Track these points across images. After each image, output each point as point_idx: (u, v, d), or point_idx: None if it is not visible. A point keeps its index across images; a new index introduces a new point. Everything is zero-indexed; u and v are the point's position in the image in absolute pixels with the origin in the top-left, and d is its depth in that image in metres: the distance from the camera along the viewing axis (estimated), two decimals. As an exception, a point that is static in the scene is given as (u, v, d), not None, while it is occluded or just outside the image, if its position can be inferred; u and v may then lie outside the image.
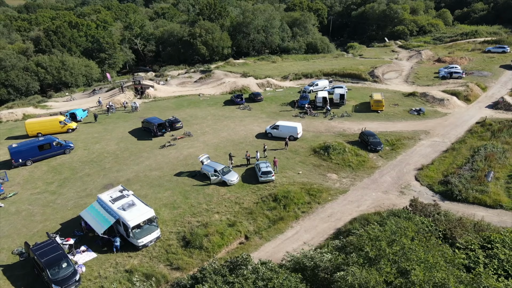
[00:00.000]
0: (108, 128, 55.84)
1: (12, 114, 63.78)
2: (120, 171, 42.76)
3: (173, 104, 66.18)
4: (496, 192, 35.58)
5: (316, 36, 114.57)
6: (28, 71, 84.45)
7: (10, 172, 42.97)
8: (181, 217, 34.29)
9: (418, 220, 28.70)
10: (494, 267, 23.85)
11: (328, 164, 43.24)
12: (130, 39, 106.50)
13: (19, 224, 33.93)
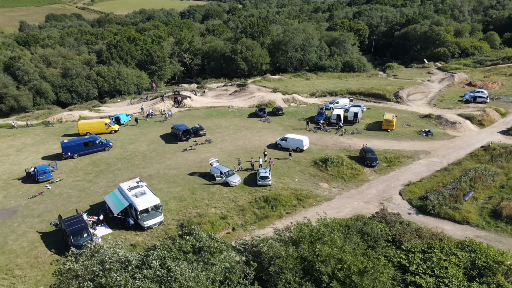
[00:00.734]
0: (144, 132, 64.78)
1: (70, 115, 75.42)
2: (145, 168, 50.78)
3: (203, 114, 74.09)
4: (468, 210, 38.40)
5: (354, 55, 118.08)
6: (89, 79, 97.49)
7: (60, 162, 52.69)
8: (184, 208, 41.09)
9: (375, 224, 33.00)
10: (425, 267, 27.88)
11: (323, 175, 48.03)
12: (180, 53, 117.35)
13: (59, 203, 42.69)
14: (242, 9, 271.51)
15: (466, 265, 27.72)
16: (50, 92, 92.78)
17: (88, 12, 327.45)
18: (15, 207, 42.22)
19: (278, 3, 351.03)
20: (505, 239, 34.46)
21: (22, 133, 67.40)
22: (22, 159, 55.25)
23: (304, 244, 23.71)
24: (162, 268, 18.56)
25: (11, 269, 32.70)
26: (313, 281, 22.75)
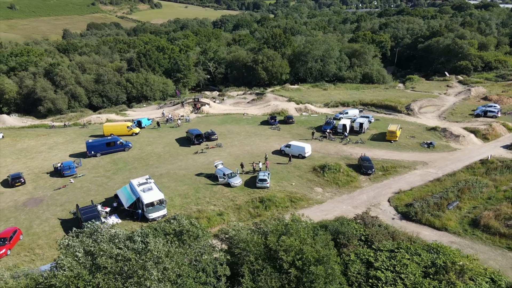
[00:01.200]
0: (162, 135, 70.23)
1: (99, 118, 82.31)
2: (158, 167, 55.83)
3: (219, 120, 78.86)
4: (449, 218, 40.52)
5: (374, 67, 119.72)
6: (119, 85, 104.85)
7: (84, 160, 58.75)
8: (187, 205, 45.54)
9: (352, 225, 36.07)
10: (388, 264, 30.83)
11: (320, 180, 51.22)
12: (205, 62, 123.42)
13: (79, 195, 48.28)
14: (272, 19, 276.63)
15: (426, 264, 30.43)
16: (84, 96, 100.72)
17: (127, 21, 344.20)
18: (42, 197, 48.20)
19: (309, 13, 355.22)
20: (478, 246, 36.45)
21: (56, 132, 74.67)
22: (52, 155, 61.85)
23: (271, 236, 27.36)
24: (143, 243, 22.80)
25: (33, 248, 38.17)
26: (276, 268, 26.33)
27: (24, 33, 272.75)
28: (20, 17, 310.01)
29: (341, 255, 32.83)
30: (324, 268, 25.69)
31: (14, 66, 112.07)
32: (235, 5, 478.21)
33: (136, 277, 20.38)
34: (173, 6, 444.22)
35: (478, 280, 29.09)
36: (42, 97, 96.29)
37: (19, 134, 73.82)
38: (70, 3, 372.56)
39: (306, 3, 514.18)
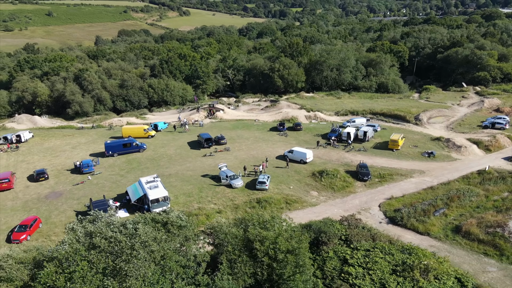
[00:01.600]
0: (176, 138, 74.81)
1: (120, 121, 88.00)
2: (168, 168, 60.16)
3: (231, 125, 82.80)
4: (433, 223, 42.48)
5: (390, 77, 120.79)
6: (142, 90, 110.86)
7: (102, 159, 63.88)
8: (190, 203, 49.42)
9: (335, 226, 38.81)
10: (361, 261, 33.51)
11: (317, 184, 54.00)
12: (224, 69, 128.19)
13: (95, 190, 53.10)
14: (296, 27, 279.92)
15: (397, 263, 32.91)
16: (108, 100, 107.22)
17: (156, 28, 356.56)
18: (61, 191, 53.36)
19: (335, 21, 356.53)
20: (456, 250, 38.33)
21: (80, 133, 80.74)
22: (75, 154, 67.46)
23: (250, 228, 30.66)
24: (133, 229, 26.63)
25: (50, 235, 42.98)
26: (252, 257, 29.59)
27: (59, 39, 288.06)
28: (57, 24, 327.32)
29: (321, 252, 35.74)
30: (294, 258, 28.73)
31: (47, 71, 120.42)
32: (261, 13, 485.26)
33: (124, 256, 24.19)
34: (201, 13, 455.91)
35: (443, 279, 31.26)
36: (70, 100, 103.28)
37: (47, 134, 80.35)
38: (104, 10, 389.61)
39: (333, 11, 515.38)
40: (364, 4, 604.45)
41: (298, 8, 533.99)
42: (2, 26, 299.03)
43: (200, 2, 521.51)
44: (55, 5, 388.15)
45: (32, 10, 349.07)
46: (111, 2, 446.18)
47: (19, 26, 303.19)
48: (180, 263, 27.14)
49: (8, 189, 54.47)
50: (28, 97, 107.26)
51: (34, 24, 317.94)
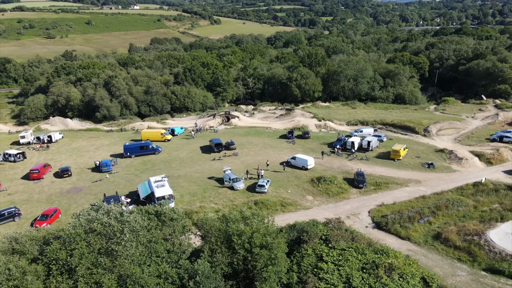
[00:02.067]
0: (189, 142, 79.95)
1: (141, 125, 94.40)
2: (178, 170, 65.14)
3: (243, 132, 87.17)
4: (415, 229, 44.83)
5: (407, 88, 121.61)
6: (165, 96, 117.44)
7: (121, 160, 69.82)
8: (193, 201, 53.95)
9: (318, 226, 42.03)
10: (334, 258, 36.65)
11: (313, 190, 57.22)
12: (244, 78, 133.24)
13: (110, 187, 58.69)
14: (322, 36, 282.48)
15: (367, 261, 35.83)
16: (134, 105, 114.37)
17: (187, 36, 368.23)
18: (81, 187, 59.35)
19: (364, 30, 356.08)
20: (432, 255, 40.64)
21: (104, 135, 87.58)
22: (97, 154, 73.84)
23: (230, 223, 34.59)
24: (126, 217, 31.22)
25: (67, 224, 48.45)
26: (230, 249, 33.47)
27: (96, 46, 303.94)
28: (95, 32, 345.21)
29: (301, 249, 39.09)
30: (268, 252, 32.37)
31: (81, 77, 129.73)
32: (291, 22, 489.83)
33: (115, 238, 28.77)
34: (232, 22, 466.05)
35: (407, 278, 33.89)
36: (99, 104, 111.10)
37: (75, 135, 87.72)
38: (139, 19, 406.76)
39: (364, 20, 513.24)
40: (396, 13, 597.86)
41: (329, 17, 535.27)
42: (45, 33, 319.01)
43: (231, 11, 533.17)
44: (94, 14, 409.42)
45: (73, 18, 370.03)
46: (146, 11, 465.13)
47: (60, 34, 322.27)
48: (166, 248, 31.45)
49: (38, 178, 61.63)
50: (62, 101, 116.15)
51: (74, 32, 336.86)
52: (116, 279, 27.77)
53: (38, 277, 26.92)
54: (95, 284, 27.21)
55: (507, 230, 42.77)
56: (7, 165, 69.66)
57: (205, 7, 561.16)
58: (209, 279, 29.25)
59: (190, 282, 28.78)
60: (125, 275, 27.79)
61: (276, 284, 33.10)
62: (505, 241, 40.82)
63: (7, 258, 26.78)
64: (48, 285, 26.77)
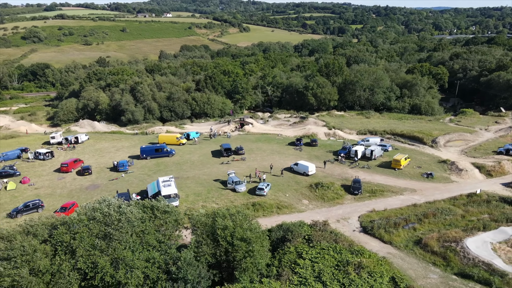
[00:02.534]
0: (202, 147, 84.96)
1: (160, 129, 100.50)
2: (188, 171, 70.07)
3: (254, 138, 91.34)
4: (398, 235, 47.30)
5: (424, 99, 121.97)
6: (186, 102, 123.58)
7: (137, 161, 75.62)
8: (197, 201, 58.51)
9: (303, 227, 45.48)
10: (312, 256, 40.08)
11: (310, 194, 60.48)
12: (263, 86, 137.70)
13: (124, 186, 64.28)
14: (349, 44, 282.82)
15: (341, 260, 39.07)
16: (156, 111, 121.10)
17: (216, 43, 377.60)
18: (99, 184, 65.32)
19: (394, 39, 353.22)
20: (409, 258, 43.08)
21: (126, 138, 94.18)
22: (117, 155, 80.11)
23: (217, 219, 38.74)
24: (125, 209, 36.03)
25: (83, 216, 54.19)
26: (215, 241, 37.59)
27: (129, 52, 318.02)
28: (128, 39, 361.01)
29: (284, 247, 42.68)
30: (246, 245, 36.28)
31: (110, 83, 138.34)
32: (320, 30, 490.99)
33: (112, 225, 33.58)
34: (261, 30, 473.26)
35: (375, 276, 36.75)
36: (125, 109, 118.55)
37: (100, 137, 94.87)
38: (171, 27, 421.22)
39: (394, 28, 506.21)
40: (429, 21, 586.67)
41: (358, 25, 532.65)
42: (83, 40, 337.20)
43: (261, 19, 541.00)
44: (129, 22, 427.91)
45: (109, 26, 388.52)
46: (178, 19, 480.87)
47: (97, 41, 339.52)
48: (157, 238, 36.01)
49: (67, 171, 69.58)
50: (91, 105, 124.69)
51: (110, 39, 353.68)
52: (110, 261, 32.53)
53: (46, 255, 32.07)
54: (92, 264, 32.07)
55: (486, 239, 44.55)
56: (37, 162, 77.06)
57: (235, 15, 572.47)
58: (190, 265, 33.50)
59: (173, 267, 33.12)
60: (118, 257, 32.51)
61: (256, 275, 36.96)
62: (481, 249, 42.70)
63: (23, 238, 32.07)
64: (53, 263, 31.85)
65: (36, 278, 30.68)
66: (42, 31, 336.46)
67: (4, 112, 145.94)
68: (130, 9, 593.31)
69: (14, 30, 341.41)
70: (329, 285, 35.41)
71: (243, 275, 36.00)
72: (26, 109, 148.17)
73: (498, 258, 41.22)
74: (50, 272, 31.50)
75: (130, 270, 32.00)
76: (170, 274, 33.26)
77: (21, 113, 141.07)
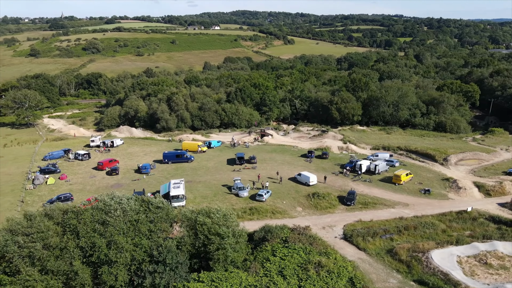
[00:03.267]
0: (220, 154, 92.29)
1: (187, 137, 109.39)
2: (201, 176, 77.48)
3: (270, 149, 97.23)
4: (373, 243, 51.06)
5: (451, 116, 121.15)
6: (216, 113, 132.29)
7: (159, 165, 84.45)
8: (202, 202, 65.48)
9: (285, 230, 50.76)
10: (283, 255, 45.41)
11: (305, 203, 65.32)
12: (291, 99, 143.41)
13: (144, 185, 72.81)
14: (393, 58, 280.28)
15: (307, 259, 44.01)
16: (188, 119, 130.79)
17: (259, 55, 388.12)
18: (122, 184, 74.47)
19: (444, 52, 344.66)
20: (376, 264, 46.93)
21: (155, 143, 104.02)
22: (143, 159, 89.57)
23: (198, 216, 45.21)
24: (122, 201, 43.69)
25: (103, 209, 63.06)
26: (196, 235, 44.06)
27: (177, 63, 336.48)
28: (177, 51, 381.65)
29: (262, 246, 48.23)
30: (219, 239, 42.43)
31: (150, 92, 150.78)
32: (366, 43, 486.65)
33: (109, 214, 41.26)
34: (306, 42, 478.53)
35: (333, 275, 41.24)
36: (160, 117, 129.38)
37: (133, 142, 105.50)
38: (218, 39, 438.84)
39: (446, 41, 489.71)
40: (486, 34, 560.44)
41: (407, 38, 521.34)
42: (136, 51, 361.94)
43: (306, 32, 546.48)
44: (179, 34, 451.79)
45: (160, 38, 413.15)
46: (225, 32, 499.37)
47: (148, 52, 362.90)
48: (149, 228, 43.23)
49: (102, 169, 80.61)
50: (131, 113, 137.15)
51: (160, 50, 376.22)
52: (106, 243, 40.14)
53: (57, 234, 40.32)
54: (91, 244, 39.84)
55: (454, 252, 47.21)
56: (76, 162, 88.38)
57: (281, 28, 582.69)
58: (170, 252, 40.27)
59: (155, 251, 40.09)
60: (112, 240, 40.04)
61: (230, 267, 42.99)
62: (446, 260, 45.57)
63: (40, 219, 40.57)
64: (62, 240, 40.00)
65: (47, 252, 38.90)
66: (100, 42, 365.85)
67: (60, 116, 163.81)
68: (182, 21, 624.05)
69: (76, 42, 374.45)
70: (288, 279, 40.58)
71: (216, 265, 42.22)
72: (78, 115, 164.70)
73: (459, 270, 44.00)
74: (59, 247, 39.62)
75: (120, 251, 39.40)
76: (153, 258, 40.23)
77: (73, 118, 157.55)
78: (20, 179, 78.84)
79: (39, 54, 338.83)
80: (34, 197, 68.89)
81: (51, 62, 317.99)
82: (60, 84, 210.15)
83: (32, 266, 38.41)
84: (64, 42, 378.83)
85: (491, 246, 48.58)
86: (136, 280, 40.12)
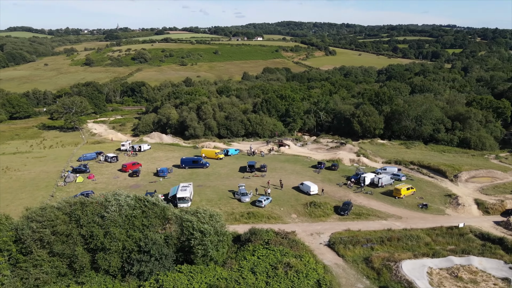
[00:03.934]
0: (236, 162, 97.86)
1: (209, 144, 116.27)
2: (212, 181, 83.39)
3: (284, 159, 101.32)
4: (353, 251, 53.88)
5: (477, 133, 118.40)
6: (242, 122, 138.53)
7: (176, 169, 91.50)
8: (206, 205, 71.04)
9: (270, 233, 55.03)
10: (261, 255, 49.84)
11: (301, 210, 68.96)
12: (316, 111, 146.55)
13: (158, 187, 79.91)
14: (435, 71, 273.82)
15: (281, 260, 48.16)
16: (215, 128, 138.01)
17: (299, 66, 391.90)
18: (140, 185, 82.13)
19: (495, 65, 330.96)
20: (349, 270, 49.90)
21: (178, 149, 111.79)
22: (164, 163, 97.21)
23: (186, 215, 50.73)
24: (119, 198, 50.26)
25: (118, 206, 70.61)
26: (182, 231, 49.59)
27: (217, 73, 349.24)
28: (219, 61, 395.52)
29: (245, 246, 52.83)
30: (201, 235, 47.66)
31: (183, 101, 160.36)
32: (411, 54, 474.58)
33: (108, 209, 47.98)
34: (347, 53, 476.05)
35: (301, 275, 44.95)
36: (189, 125, 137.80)
37: (159, 147, 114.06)
38: (259, 50, 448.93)
39: (499, 53, 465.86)
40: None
41: (457, 50, 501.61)
42: (180, 61, 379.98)
43: (349, 42, 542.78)
44: (222, 45, 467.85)
45: (204, 49, 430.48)
46: (267, 42, 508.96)
47: (191, 62, 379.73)
48: (143, 222, 49.46)
49: (125, 171, 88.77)
50: (164, 120, 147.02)
51: (203, 61, 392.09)
52: (104, 233, 46.81)
53: (64, 223, 47.58)
54: (91, 233, 46.68)
55: (426, 264, 49.07)
56: (105, 164, 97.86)
57: (324, 39, 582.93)
58: (155, 244, 46.16)
59: (142, 243, 46.15)
60: (108, 231, 46.63)
61: (211, 262, 48.13)
62: (415, 271, 47.62)
63: (51, 209, 48.09)
64: (68, 228, 47.17)
65: (55, 237, 46.19)
66: (148, 52, 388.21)
67: (103, 121, 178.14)
68: (227, 32, 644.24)
69: (127, 52, 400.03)
70: (258, 276, 44.91)
71: (197, 259, 47.51)
72: (120, 120, 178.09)
73: (425, 280, 45.98)
74: (65, 234, 46.81)
75: (114, 241, 45.85)
76: (141, 248, 46.30)
77: (114, 124, 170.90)
78: (55, 176, 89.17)
79: (93, 63, 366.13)
80: (62, 193, 78.11)
81: (103, 71, 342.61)
82: (107, 92, 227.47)
83: (42, 248, 45.85)
84: (115, 52, 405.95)
85: (467, 260, 49.83)
86: (126, 267, 46.34)
